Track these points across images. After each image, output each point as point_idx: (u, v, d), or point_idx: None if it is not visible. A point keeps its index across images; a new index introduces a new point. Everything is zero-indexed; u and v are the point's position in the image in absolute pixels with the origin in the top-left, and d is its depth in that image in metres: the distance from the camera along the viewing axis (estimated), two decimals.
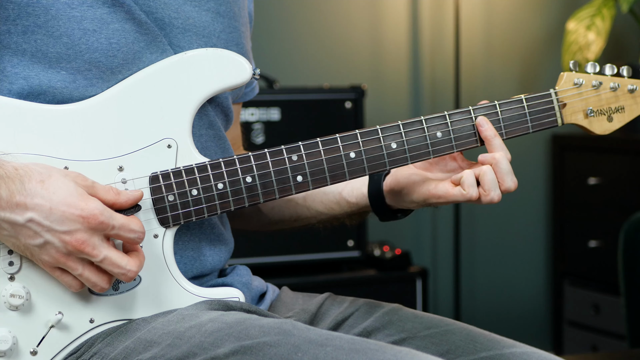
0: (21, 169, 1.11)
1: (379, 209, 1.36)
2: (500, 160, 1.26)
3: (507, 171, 1.26)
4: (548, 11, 3.66)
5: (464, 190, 1.25)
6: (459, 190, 1.25)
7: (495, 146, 1.27)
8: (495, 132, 1.28)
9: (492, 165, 1.26)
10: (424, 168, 1.33)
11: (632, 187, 3.20)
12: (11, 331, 1.16)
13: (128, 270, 1.13)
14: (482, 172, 1.25)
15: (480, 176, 1.25)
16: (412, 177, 1.31)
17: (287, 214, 1.45)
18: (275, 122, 2.83)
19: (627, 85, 1.34)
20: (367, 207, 1.38)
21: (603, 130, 1.35)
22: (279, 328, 1.12)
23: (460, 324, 1.29)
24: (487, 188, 1.25)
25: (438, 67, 3.53)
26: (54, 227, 1.10)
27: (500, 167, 1.26)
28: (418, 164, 1.33)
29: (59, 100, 1.19)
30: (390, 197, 1.35)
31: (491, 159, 1.26)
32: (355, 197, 1.38)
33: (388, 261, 2.93)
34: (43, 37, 1.18)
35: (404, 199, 1.32)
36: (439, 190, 1.27)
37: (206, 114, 1.29)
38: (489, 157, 1.27)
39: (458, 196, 1.25)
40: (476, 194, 1.25)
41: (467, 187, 1.24)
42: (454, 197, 1.26)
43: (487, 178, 1.25)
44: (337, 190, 1.40)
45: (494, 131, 1.28)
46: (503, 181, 1.25)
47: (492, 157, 1.26)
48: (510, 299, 3.69)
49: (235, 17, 1.35)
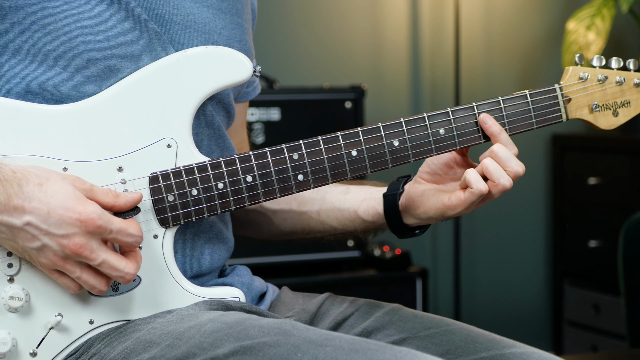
0: (19, 172, 1.11)
1: (397, 228, 1.34)
2: (498, 150, 1.24)
3: (507, 157, 1.24)
4: (548, 11, 3.66)
5: (472, 187, 1.22)
6: (468, 192, 1.23)
7: (501, 141, 1.26)
8: (501, 128, 1.26)
9: (492, 157, 1.24)
10: (436, 181, 1.31)
11: (632, 187, 3.20)
12: (10, 333, 1.16)
13: (126, 273, 1.13)
14: (485, 165, 1.23)
15: (484, 169, 1.23)
16: (425, 194, 1.29)
17: (300, 227, 1.44)
18: (275, 122, 2.83)
19: (633, 79, 1.32)
20: (383, 224, 1.36)
21: (609, 125, 1.33)
22: (278, 328, 1.11)
23: (460, 324, 1.29)
24: (494, 178, 1.22)
25: (438, 67, 3.53)
26: (51, 230, 1.10)
27: (499, 155, 1.24)
28: (429, 179, 1.31)
29: (58, 99, 1.19)
30: (407, 215, 1.32)
31: (488, 152, 1.24)
32: (372, 215, 1.36)
33: (388, 261, 2.93)
34: (40, 35, 1.18)
35: (421, 216, 1.30)
36: (452, 200, 1.24)
37: (204, 113, 1.28)
38: (487, 152, 1.25)
39: (470, 197, 1.23)
40: (485, 187, 1.22)
41: (473, 183, 1.22)
42: (467, 200, 1.23)
43: (491, 168, 1.23)
44: (353, 208, 1.38)
45: (498, 127, 1.26)
46: (507, 166, 1.23)
47: (489, 151, 1.25)
48: (510, 299, 3.69)
49: (238, 14, 1.34)
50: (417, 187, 1.31)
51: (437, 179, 1.31)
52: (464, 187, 1.24)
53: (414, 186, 1.31)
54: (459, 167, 1.31)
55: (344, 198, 1.39)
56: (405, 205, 1.32)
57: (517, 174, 1.24)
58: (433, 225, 1.36)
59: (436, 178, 1.31)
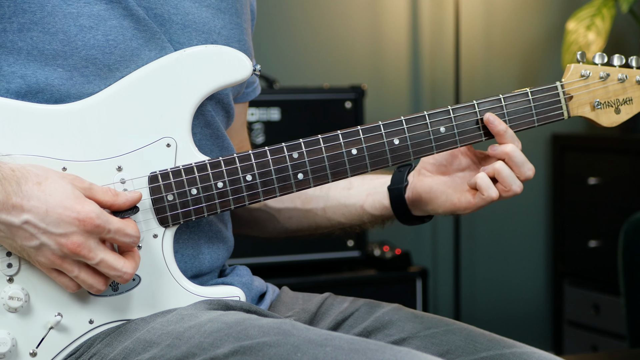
0: (18, 171, 1.11)
1: (405, 219, 1.37)
2: (513, 153, 1.25)
3: (522, 161, 1.26)
4: (548, 11, 3.66)
5: (483, 194, 1.25)
6: (479, 197, 1.26)
7: (508, 138, 1.26)
8: (506, 126, 1.27)
9: (506, 160, 1.25)
10: (441, 172, 1.32)
11: (632, 187, 3.20)
12: (10, 333, 1.16)
13: (124, 272, 1.13)
14: (497, 171, 1.25)
15: (496, 174, 1.25)
16: (434, 190, 1.31)
17: (306, 224, 1.45)
18: (275, 122, 2.83)
19: (635, 76, 1.32)
20: (391, 216, 1.38)
21: (610, 122, 1.33)
22: (278, 328, 1.11)
23: (460, 324, 1.29)
24: (506, 184, 1.25)
25: (438, 67, 3.53)
26: (49, 229, 1.10)
27: (514, 160, 1.25)
28: (434, 169, 1.32)
29: (57, 98, 1.19)
30: (415, 209, 1.35)
31: (503, 154, 1.25)
32: (379, 209, 1.39)
33: (388, 261, 2.93)
34: (39, 34, 1.18)
35: (428, 210, 1.33)
36: (462, 203, 1.28)
37: (203, 112, 1.28)
38: (499, 152, 1.26)
39: (480, 202, 1.26)
40: (496, 194, 1.25)
41: (485, 190, 1.25)
42: (477, 205, 1.27)
43: (504, 174, 1.25)
44: (359, 203, 1.40)
45: (504, 125, 1.27)
46: (521, 173, 1.26)
47: (503, 152, 1.26)
48: (510, 299, 3.69)
49: (237, 14, 1.34)
50: (424, 181, 1.32)
51: (443, 170, 1.32)
52: (473, 186, 1.26)
53: (420, 179, 1.33)
54: (463, 156, 1.32)
55: (347, 194, 1.40)
56: (412, 199, 1.34)
57: (528, 178, 1.27)
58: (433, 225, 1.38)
59: (441, 169, 1.32)
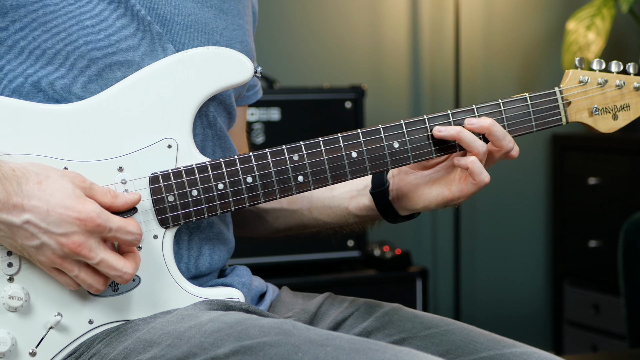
0: (18, 170, 1.11)
1: (392, 219, 1.35)
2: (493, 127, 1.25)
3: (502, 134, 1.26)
4: (548, 11, 3.66)
5: (474, 179, 1.24)
6: (470, 183, 1.24)
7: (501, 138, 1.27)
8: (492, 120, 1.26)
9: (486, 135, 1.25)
10: (422, 167, 1.31)
11: (632, 187, 3.20)
12: (10, 332, 1.16)
13: (124, 272, 1.13)
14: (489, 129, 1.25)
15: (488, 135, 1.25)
16: (420, 187, 1.30)
17: (294, 224, 1.44)
18: (275, 122, 2.83)
19: (633, 82, 1.33)
20: (377, 217, 1.37)
21: (608, 128, 1.34)
22: (279, 328, 1.11)
23: (460, 324, 1.29)
24: (497, 143, 1.25)
25: (438, 67, 3.53)
26: (50, 229, 1.10)
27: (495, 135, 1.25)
28: (415, 165, 1.31)
29: (59, 98, 1.19)
30: (401, 208, 1.33)
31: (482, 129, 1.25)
32: (365, 210, 1.37)
33: (388, 261, 2.93)
34: (41, 34, 1.18)
35: (415, 207, 1.31)
36: (455, 193, 1.26)
37: (205, 113, 1.28)
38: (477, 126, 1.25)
39: (473, 189, 1.25)
40: (488, 178, 1.24)
41: (477, 175, 1.24)
42: (470, 192, 1.26)
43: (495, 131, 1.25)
44: (343, 205, 1.38)
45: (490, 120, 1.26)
46: (502, 147, 1.26)
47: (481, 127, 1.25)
48: (510, 299, 3.69)
49: (239, 15, 1.34)
50: (407, 179, 1.31)
51: (424, 164, 1.31)
52: (464, 173, 1.24)
53: (402, 178, 1.32)
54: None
55: (331, 195, 1.39)
56: (397, 198, 1.33)
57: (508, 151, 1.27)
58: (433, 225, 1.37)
59: (422, 163, 1.31)
